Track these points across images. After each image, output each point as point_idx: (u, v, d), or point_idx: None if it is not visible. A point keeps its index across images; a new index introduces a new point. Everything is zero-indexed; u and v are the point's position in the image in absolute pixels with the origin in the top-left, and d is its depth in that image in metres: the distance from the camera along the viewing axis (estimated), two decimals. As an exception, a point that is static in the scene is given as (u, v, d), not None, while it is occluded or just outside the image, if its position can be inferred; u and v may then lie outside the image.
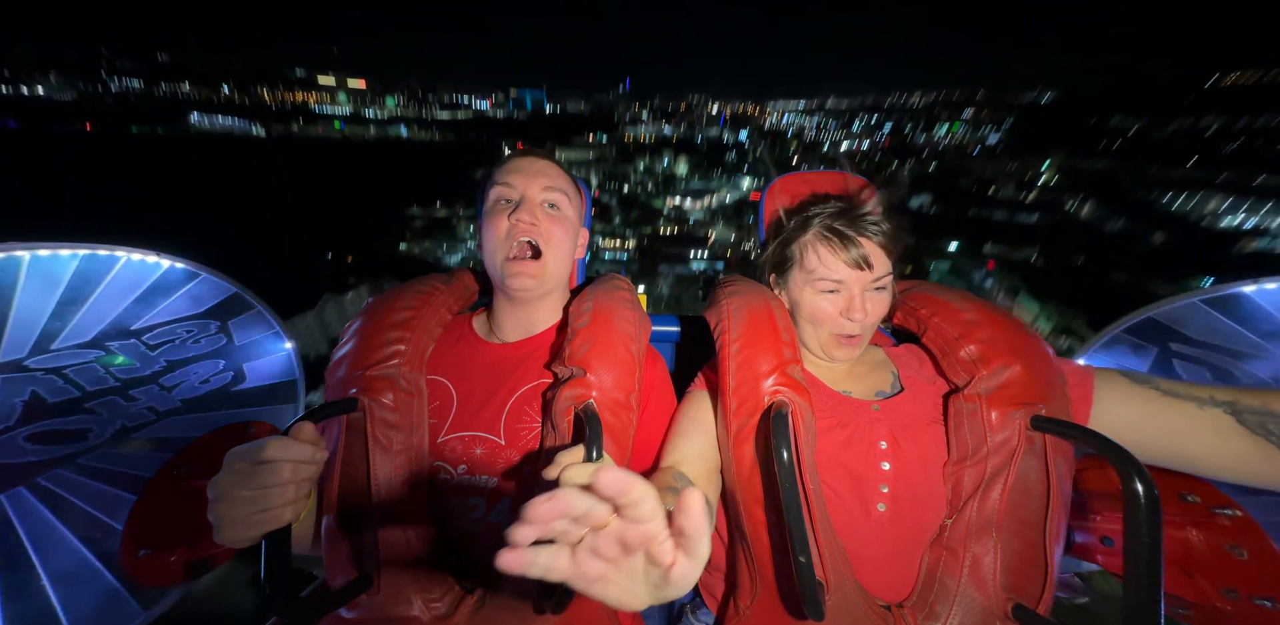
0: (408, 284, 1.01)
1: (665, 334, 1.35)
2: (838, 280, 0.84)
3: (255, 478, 0.58)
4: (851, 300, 0.83)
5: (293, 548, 0.63)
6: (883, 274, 0.83)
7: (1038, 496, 0.71)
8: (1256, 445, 0.65)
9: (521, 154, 0.92)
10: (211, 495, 0.57)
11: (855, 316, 0.83)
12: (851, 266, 0.82)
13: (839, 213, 0.86)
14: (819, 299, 0.86)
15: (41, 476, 1.01)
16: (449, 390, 0.89)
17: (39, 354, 1.01)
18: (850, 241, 0.83)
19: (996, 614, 0.69)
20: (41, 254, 1.00)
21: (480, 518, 0.79)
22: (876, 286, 0.84)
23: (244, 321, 1.37)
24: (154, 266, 1.19)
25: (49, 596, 0.94)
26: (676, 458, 0.80)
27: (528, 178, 0.88)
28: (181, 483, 1.04)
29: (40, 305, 1.00)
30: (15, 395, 0.98)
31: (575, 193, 0.96)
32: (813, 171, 1.16)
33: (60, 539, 0.98)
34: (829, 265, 0.84)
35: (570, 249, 0.94)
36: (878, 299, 0.84)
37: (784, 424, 0.69)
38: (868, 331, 0.86)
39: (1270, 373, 1.08)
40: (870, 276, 0.83)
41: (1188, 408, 0.70)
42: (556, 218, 0.90)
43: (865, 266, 0.82)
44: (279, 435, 0.61)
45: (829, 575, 0.70)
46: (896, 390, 0.88)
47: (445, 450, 0.83)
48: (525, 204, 0.87)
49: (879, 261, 0.83)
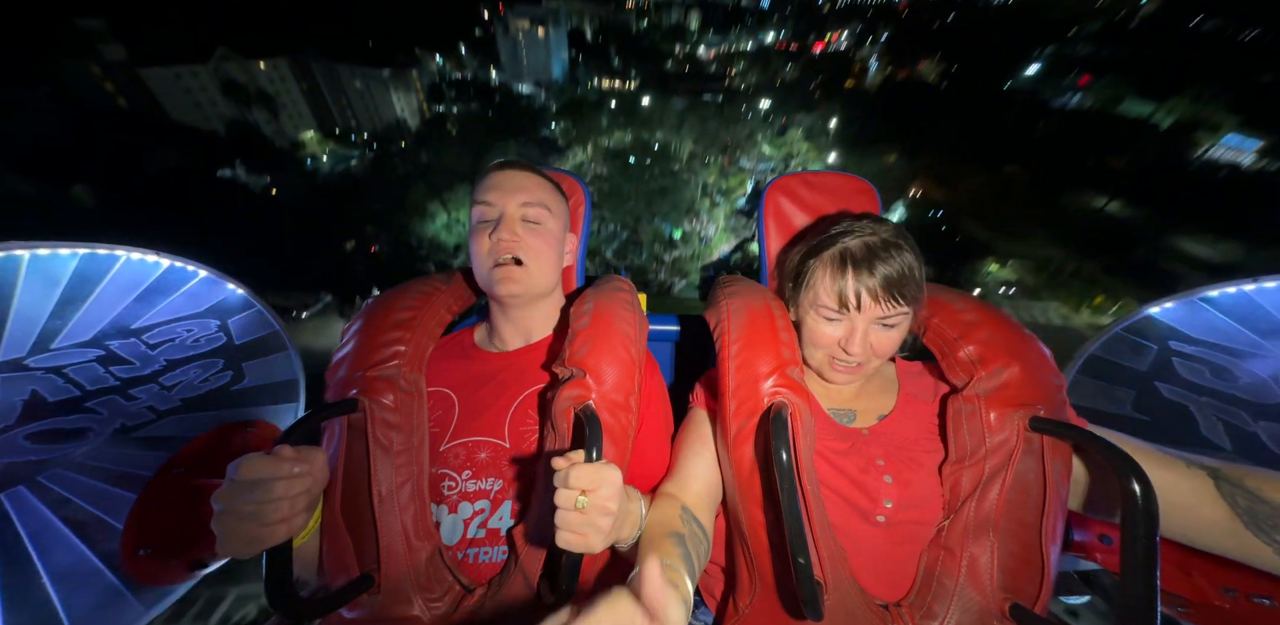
0: (408, 284, 1.01)
1: (665, 334, 1.35)
2: (838, 311, 0.81)
3: (251, 494, 0.58)
4: (851, 333, 0.80)
5: (298, 570, 0.64)
6: (890, 313, 0.78)
7: (1035, 497, 0.71)
8: (1224, 515, 0.65)
9: (499, 168, 0.91)
10: (216, 508, 0.58)
11: (852, 350, 0.80)
12: (856, 304, 0.79)
13: (858, 241, 0.80)
14: (820, 324, 0.84)
15: (42, 475, 1.01)
16: (451, 399, 0.89)
17: (39, 353, 1.01)
18: (859, 276, 0.78)
19: (994, 613, 0.69)
20: (41, 253, 1.00)
21: (484, 522, 0.79)
22: (884, 323, 0.80)
23: (244, 321, 1.37)
24: (154, 265, 1.19)
25: (49, 595, 0.94)
26: (683, 482, 0.81)
27: (505, 194, 0.88)
28: (182, 482, 1.04)
29: (40, 304, 1.00)
30: (15, 394, 0.98)
31: (558, 202, 0.95)
32: (813, 172, 1.15)
33: (60, 538, 0.98)
34: (831, 295, 0.81)
35: (554, 259, 0.93)
36: (884, 335, 0.80)
37: (783, 425, 0.69)
38: (875, 361, 0.83)
39: (1270, 371, 1.08)
40: (873, 314, 0.79)
41: (1177, 464, 0.70)
42: (537, 232, 0.89)
43: (863, 307, 0.78)
44: (260, 454, 0.61)
45: (827, 575, 0.71)
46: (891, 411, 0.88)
47: (449, 456, 0.83)
48: (504, 221, 0.87)
49: (888, 303, 0.77)
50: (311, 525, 0.73)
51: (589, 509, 0.56)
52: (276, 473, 0.60)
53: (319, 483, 0.68)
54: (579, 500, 0.55)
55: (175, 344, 1.23)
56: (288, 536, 0.62)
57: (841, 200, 1.11)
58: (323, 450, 0.72)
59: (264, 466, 0.60)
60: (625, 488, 0.66)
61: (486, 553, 0.78)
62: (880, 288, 0.77)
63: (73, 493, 1.02)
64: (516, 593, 0.72)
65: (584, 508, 0.55)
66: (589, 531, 0.56)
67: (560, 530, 0.56)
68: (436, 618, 0.72)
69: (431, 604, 0.73)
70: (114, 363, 1.13)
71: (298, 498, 0.62)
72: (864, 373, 0.85)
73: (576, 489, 0.56)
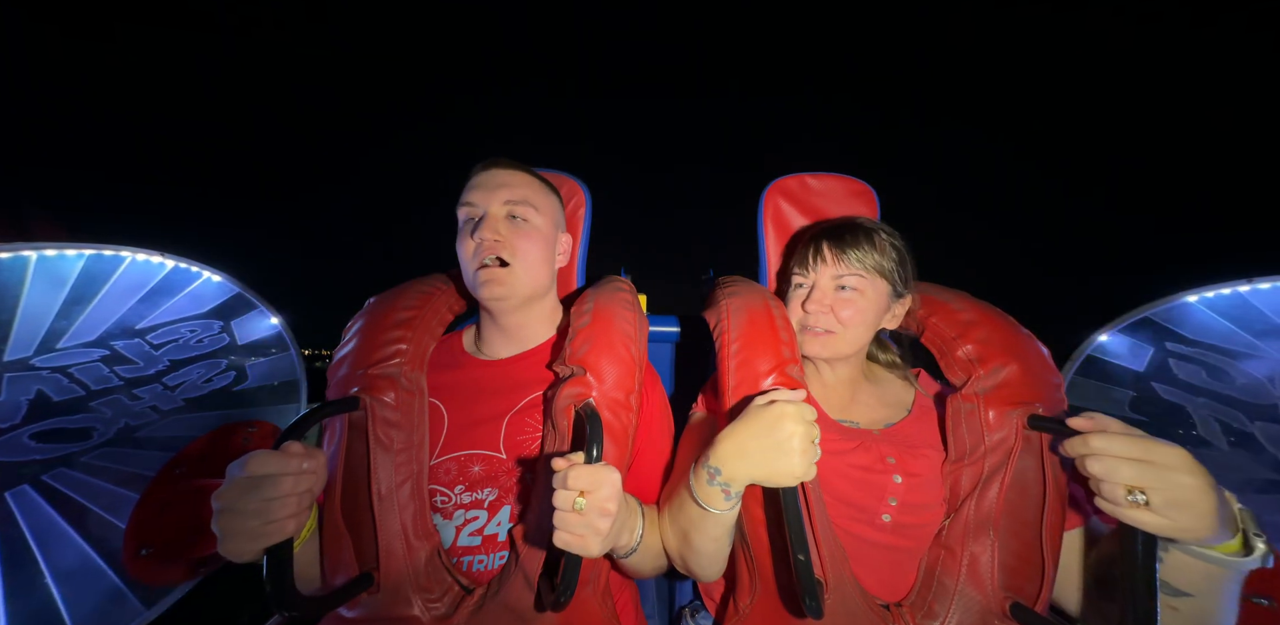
0: (409, 284, 1.02)
1: (665, 334, 1.36)
2: (802, 274, 0.89)
3: (257, 490, 0.57)
4: (811, 291, 0.87)
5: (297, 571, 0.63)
6: (844, 273, 0.84)
7: (1035, 495, 0.71)
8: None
9: (483, 167, 0.90)
10: (216, 507, 0.57)
11: (810, 308, 0.86)
12: (810, 259, 0.87)
13: (833, 224, 0.90)
14: (792, 290, 0.91)
15: (46, 474, 1.02)
16: (440, 411, 0.86)
17: (44, 353, 1.02)
18: (818, 242, 0.87)
19: (995, 612, 0.69)
20: (48, 253, 1.01)
21: (479, 529, 0.79)
22: (840, 285, 0.85)
23: (246, 321, 1.38)
24: (158, 266, 1.20)
25: (52, 594, 0.94)
26: None
27: (487, 193, 0.86)
28: (184, 482, 1.05)
29: (46, 304, 1.01)
30: (21, 394, 0.98)
31: (547, 199, 0.92)
32: (812, 174, 1.16)
33: (64, 537, 0.98)
34: (799, 264, 0.90)
35: (542, 259, 0.89)
36: (844, 301, 0.85)
37: None
38: (846, 332, 0.85)
39: (1265, 372, 1.09)
40: (830, 271, 0.85)
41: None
42: (522, 230, 0.86)
43: (819, 262, 0.86)
44: (267, 450, 0.61)
45: (828, 574, 0.71)
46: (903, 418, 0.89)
47: (439, 472, 0.81)
48: (487, 221, 0.84)
49: (840, 263, 0.84)
50: (308, 529, 0.72)
51: (587, 510, 0.56)
52: (285, 468, 0.60)
53: (319, 482, 0.68)
54: (577, 502, 0.55)
55: (179, 344, 1.24)
56: (291, 534, 0.61)
57: (840, 201, 1.12)
58: (323, 451, 0.71)
59: (273, 462, 0.59)
60: (624, 495, 0.66)
61: (481, 561, 0.78)
62: (836, 247, 0.85)
63: (76, 492, 1.03)
64: (517, 593, 0.71)
65: (582, 509, 0.55)
66: (587, 533, 0.56)
67: (559, 531, 0.56)
68: (436, 618, 0.72)
69: (431, 604, 0.72)
70: (118, 363, 1.14)
71: (303, 495, 0.62)
72: (835, 346, 0.86)
73: (575, 490, 0.56)
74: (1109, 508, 0.56)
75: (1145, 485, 0.53)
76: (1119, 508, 0.55)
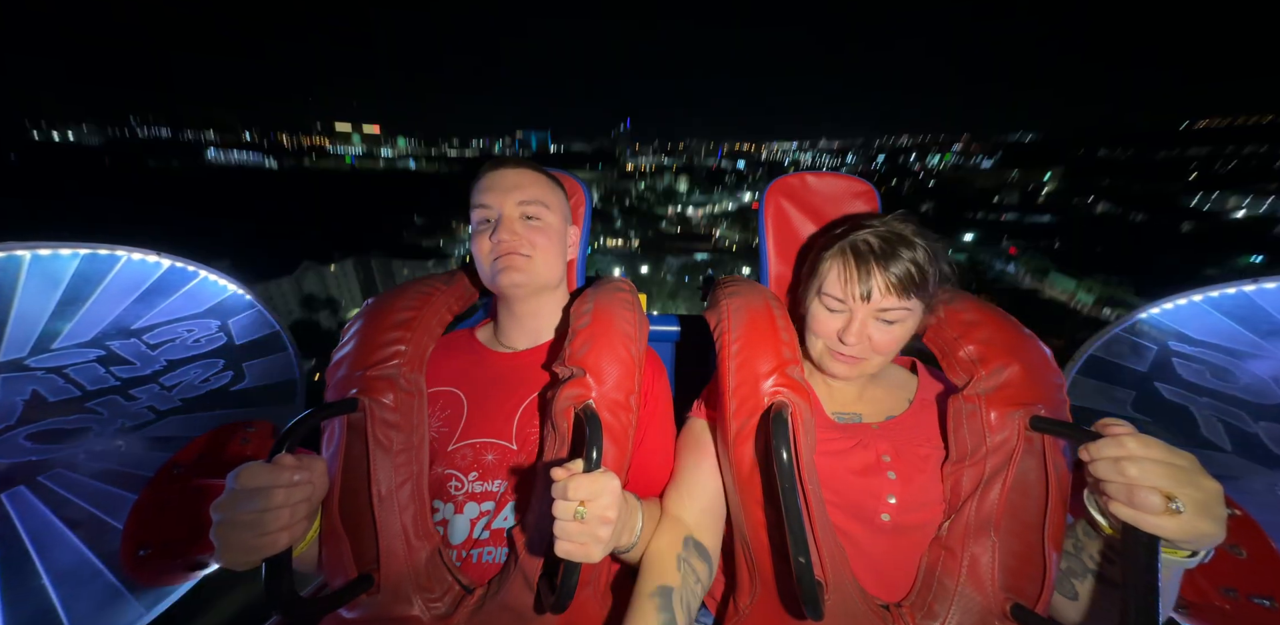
0: (407, 284, 1.01)
1: (665, 334, 1.35)
2: (841, 300, 0.80)
3: (251, 501, 0.58)
4: (849, 323, 0.79)
5: (297, 568, 0.63)
6: (891, 307, 0.77)
7: (1036, 497, 0.71)
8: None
9: (491, 167, 0.90)
10: (215, 518, 0.58)
11: (848, 340, 0.79)
12: (858, 295, 0.77)
13: (873, 234, 0.79)
14: (822, 313, 0.83)
15: (42, 475, 1.01)
16: (459, 399, 0.88)
17: (40, 353, 1.01)
18: (866, 268, 0.77)
19: (995, 613, 0.69)
20: (42, 253, 1.00)
21: (489, 523, 0.80)
22: (884, 318, 0.78)
23: (243, 321, 1.37)
24: (154, 266, 1.19)
25: (50, 595, 0.94)
26: (687, 498, 0.82)
27: (502, 194, 0.87)
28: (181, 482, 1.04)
29: (41, 304, 1.00)
30: (16, 394, 0.98)
31: (556, 195, 0.94)
32: (814, 173, 1.15)
33: (61, 538, 0.98)
34: (836, 285, 0.80)
35: (557, 251, 0.93)
36: (884, 330, 0.79)
37: (783, 424, 0.69)
38: (876, 358, 0.82)
39: (1270, 372, 1.08)
40: (874, 306, 0.78)
41: None
42: (538, 228, 0.89)
43: (866, 298, 0.77)
44: (259, 462, 0.61)
45: (828, 575, 0.70)
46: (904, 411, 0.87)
47: (456, 457, 0.83)
48: (503, 222, 0.87)
49: (889, 297, 0.76)
50: (312, 534, 0.73)
51: (588, 519, 0.56)
52: (276, 481, 0.60)
53: (319, 490, 0.68)
54: (578, 512, 0.55)
55: (175, 344, 1.24)
56: (288, 546, 0.61)
57: (842, 201, 1.11)
58: (322, 458, 0.72)
59: (264, 474, 0.59)
60: (624, 494, 0.66)
61: (490, 553, 0.78)
62: (882, 280, 0.76)
63: (73, 493, 1.02)
64: (516, 593, 0.72)
65: (584, 518, 0.56)
66: (588, 541, 0.56)
67: (560, 541, 0.57)
68: (436, 618, 0.72)
69: (431, 604, 0.73)
70: (114, 363, 1.13)
71: (298, 506, 0.62)
72: (862, 369, 0.83)
73: (575, 500, 0.56)
74: (1128, 514, 0.53)
75: (1177, 491, 0.52)
76: (1146, 515, 0.52)
